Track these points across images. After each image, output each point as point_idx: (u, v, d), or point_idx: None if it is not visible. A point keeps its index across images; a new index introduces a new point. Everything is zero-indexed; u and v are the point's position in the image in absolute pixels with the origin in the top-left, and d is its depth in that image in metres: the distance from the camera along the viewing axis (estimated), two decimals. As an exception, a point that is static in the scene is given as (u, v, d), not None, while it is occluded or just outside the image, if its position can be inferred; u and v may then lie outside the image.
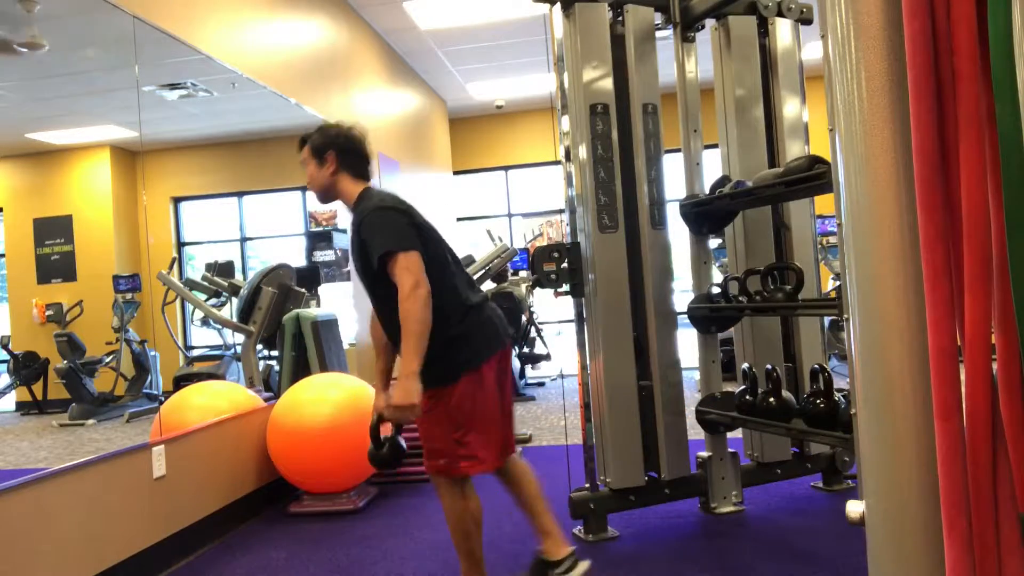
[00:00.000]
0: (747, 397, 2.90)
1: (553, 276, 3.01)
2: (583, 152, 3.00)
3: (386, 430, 2.33)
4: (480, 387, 2.24)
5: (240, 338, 4.32)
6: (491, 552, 2.78)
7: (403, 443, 2.29)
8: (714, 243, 4.05)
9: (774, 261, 3.24)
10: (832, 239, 6.54)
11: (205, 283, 4.53)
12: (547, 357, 7.23)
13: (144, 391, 4.01)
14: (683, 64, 3.20)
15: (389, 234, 2.12)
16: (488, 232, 6.49)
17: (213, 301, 4.50)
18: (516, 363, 6.86)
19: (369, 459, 2.33)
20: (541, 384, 7.47)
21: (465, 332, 2.22)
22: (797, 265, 2.86)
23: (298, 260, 5.14)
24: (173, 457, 3.00)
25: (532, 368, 7.35)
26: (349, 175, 2.29)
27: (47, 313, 3.75)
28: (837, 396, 2.60)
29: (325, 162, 2.28)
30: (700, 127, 3.21)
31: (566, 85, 3.02)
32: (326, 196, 2.37)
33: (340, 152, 2.27)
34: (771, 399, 2.79)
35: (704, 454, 3.16)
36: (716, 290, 3.13)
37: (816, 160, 2.51)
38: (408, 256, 2.08)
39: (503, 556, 2.81)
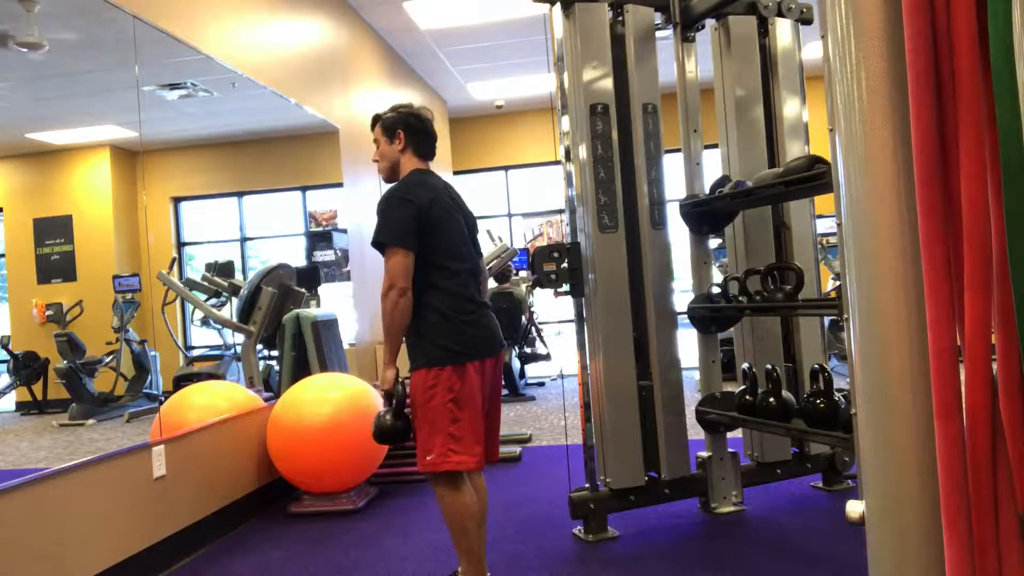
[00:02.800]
0: (747, 397, 2.90)
1: (553, 276, 3.01)
2: (583, 152, 3.00)
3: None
4: (463, 383, 2.26)
5: (240, 338, 4.33)
6: (491, 552, 2.78)
7: (387, 421, 2.36)
8: (714, 243, 4.05)
9: (774, 261, 3.24)
10: (832, 239, 6.54)
11: (205, 283, 4.52)
12: (547, 357, 7.23)
13: (144, 391, 4.01)
14: (683, 64, 3.20)
15: (389, 225, 2.24)
16: (488, 232, 6.48)
17: (213, 301, 4.50)
18: (516, 363, 6.86)
19: (374, 430, 2.39)
20: (541, 384, 7.47)
21: (460, 327, 2.28)
22: (797, 265, 2.86)
23: (298, 260, 5.14)
24: (173, 457, 3.01)
25: (531, 366, 7.35)
26: (413, 153, 2.41)
27: (47, 313, 3.75)
28: (837, 396, 2.60)
29: (395, 139, 2.40)
30: (700, 127, 3.21)
31: (566, 85, 3.02)
32: (393, 172, 2.45)
33: (408, 130, 2.40)
34: (771, 399, 2.79)
35: (704, 454, 3.16)
36: (716, 290, 3.13)
37: (816, 160, 2.50)
38: (394, 254, 2.21)
39: (503, 556, 2.81)
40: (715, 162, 3.35)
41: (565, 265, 3.00)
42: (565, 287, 3.03)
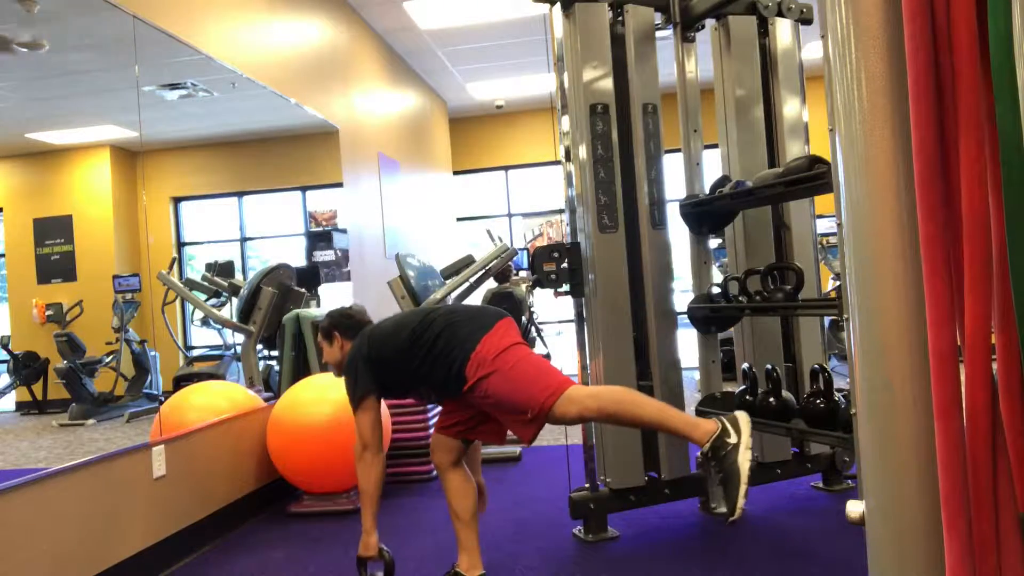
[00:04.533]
0: (747, 397, 2.90)
1: (553, 276, 3.01)
2: (583, 152, 3.00)
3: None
4: (492, 349, 2.32)
5: (240, 338, 4.32)
6: (491, 552, 2.79)
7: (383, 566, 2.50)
8: (714, 243, 4.05)
9: (774, 261, 3.24)
10: (832, 239, 6.54)
11: (205, 283, 4.52)
12: (547, 357, 7.23)
13: (144, 391, 4.01)
14: (683, 64, 3.20)
15: (349, 386, 2.48)
16: (488, 232, 6.48)
17: (213, 301, 4.49)
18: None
19: None
20: (541, 384, 7.46)
21: (447, 345, 2.37)
22: (797, 265, 2.86)
23: (298, 260, 5.14)
24: (173, 457, 3.00)
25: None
26: (350, 341, 2.60)
27: (47, 313, 3.75)
28: (837, 396, 2.60)
29: (334, 342, 2.63)
30: (700, 127, 3.21)
31: (566, 85, 3.02)
32: (341, 368, 2.61)
33: (340, 328, 2.63)
34: (771, 399, 2.79)
35: (704, 454, 3.16)
36: (716, 290, 3.13)
37: (816, 160, 2.51)
38: (361, 410, 2.44)
39: (503, 556, 2.81)
40: (715, 162, 3.35)
41: (565, 265, 3.00)
42: (565, 287, 3.03)
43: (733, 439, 2.16)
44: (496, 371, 2.29)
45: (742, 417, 2.21)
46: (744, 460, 2.12)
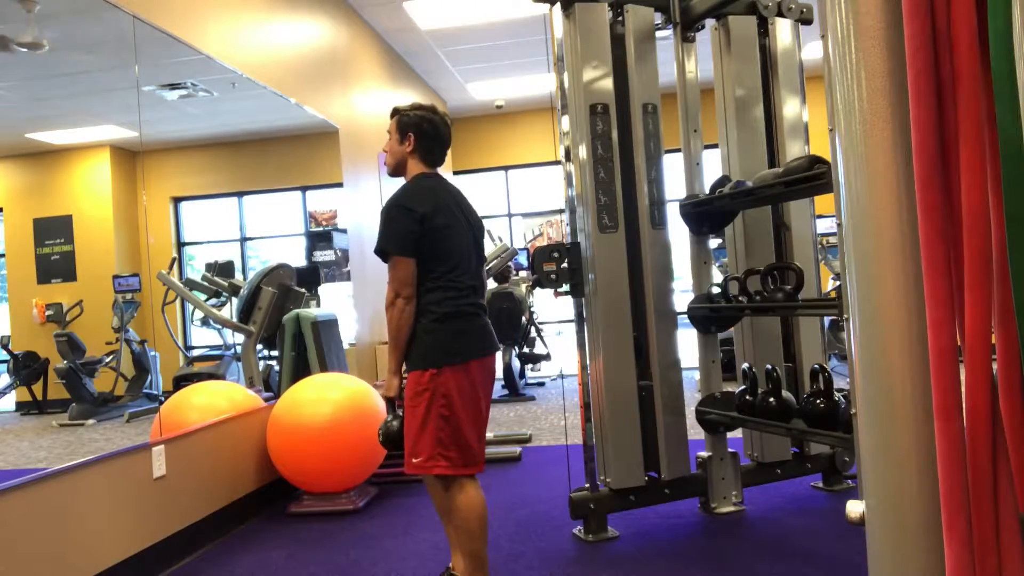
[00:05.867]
0: (747, 397, 2.90)
1: (553, 276, 3.01)
2: (583, 152, 3.00)
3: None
4: (461, 382, 2.27)
5: (240, 338, 4.33)
6: (491, 552, 2.78)
7: (395, 428, 2.37)
8: (714, 243, 4.05)
9: (774, 261, 3.24)
10: (832, 239, 6.54)
11: (205, 283, 4.52)
12: (547, 357, 7.23)
13: (144, 391, 4.01)
14: (683, 64, 3.20)
15: (390, 234, 2.27)
16: (488, 232, 6.49)
17: (213, 301, 4.49)
18: (516, 363, 6.86)
19: (381, 436, 2.40)
20: (541, 384, 7.47)
21: (457, 330, 2.30)
22: (797, 265, 2.86)
23: (298, 260, 5.14)
24: (173, 457, 3.00)
25: (532, 368, 7.35)
26: (419, 158, 2.42)
27: (47, 313, 3.75)
28: (837, 396, 2.60)
29: (406, 140, 2.41)
30: (700, 127, 3.21)
31: (566, 85, 3.02)
32: (397, 170, 2.48)
33: (420, 135, 2.40)
34: (771, 399, 2.79)
35: (704, 454, 3.16)
36: (716, 290, 3.13)
37: (816, 160, 2.51)
38: (399, 262, 2.26)
39: (503, 556, 2.81)
40: (715, 162, 3.35)
41: (565, 265, 3.00)
42: (565, 287, 3.03)
43: None
44: (430, 397, 2.24)
45: None
46: None
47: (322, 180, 5.31)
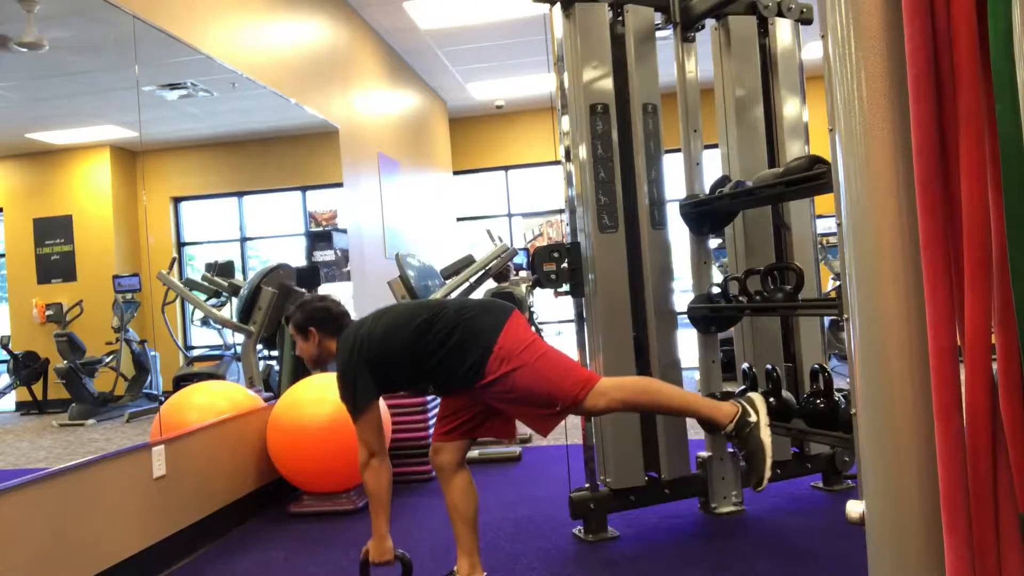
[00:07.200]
0: (747, 397, 2.90)
1: (553, 276, 3.01)
2: (583, 152, 3.00)
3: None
4: (516, 342, 2.30)
5: (240, 338, 4.32)
6: (491, 552, 2.79)
7: None
8: (714, 243, 4.05)
9: (774, 261, 3.24)
10: (832, 239, 6.54)
11: (205, 283, 4.52)
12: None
13: (144, 391, 4.01)
14: (683, 64, 3.20)
15: (348, 396, 2.35)
16: (488, 232, 6.49)
17: (213, 301, 4.49)
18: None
19: None
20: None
21: (474, 318, 2.34)
22: (797, 265, 2.86)
23: (298, 260, 5.14)
24: (173, 457, 3.00)
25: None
26: (330, 336, 2.50)
27: (47, 313, 3.75)
28: (837, 396, 2.60)
29: (309, 337, 2.50)
30: (700, 127, 3.21)
31: (566, 85, 3.02)
32: (320, 361, 2.56)
33: (318, 325, 2.50)
34: (771, 399, 2.79)
35: (704, 454, 3.16)
36: (716, 290, 3.13)
37: (816, 160, 2.51)
38: (361, 424, 2.33)
39: (503, 556, 2.81)
40: (715, 162, 3.35)
41: (565, 265, 3.00)
42: (565, 287, 3.03)
43: (753, 418, 2.32)
44: (524, 365, 2.26)
45: (757, 397, 2.36)
46: (766, 436, 2.29)
47: (322, 180, 5.31)
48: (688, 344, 3.23)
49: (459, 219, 8.77)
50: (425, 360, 2.33)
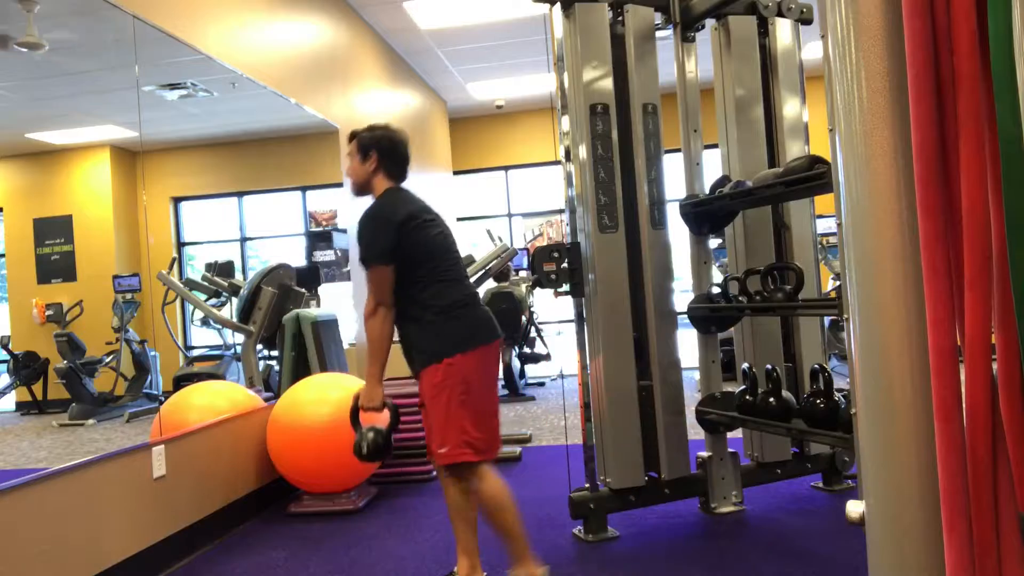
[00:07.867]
0: (747, 397, 2.90)
1: (553, 276, 3.01)
2: (583, 152, 3.00)
3: (370, 420, 2.45)
4: (479, 365, 2.32)
5: (240, 338, 4.32)
6: (492, 551, 2.79)
7: (382, 439, 2.40)
8: (714, 243, 4.05)
9: (774, 261, 3.24)
10: (832, 239, 6.54)
11: (205, 283, 4.52)
12: (547, 357, 7.23)
13: (144, 391, 4.01)
14: (683, 64, 3.20)
15: (369, 244, 2.35)
16: (488, 232, 6.49)
17: (213, 301, 4.50)
18: (516, 363, 6.86)
19: (354, 451, 2.42)
20: (541, 384, 7.47)
21: (458, 319, 2.35)
22: (797, 265, 2.86)
23: (298, 260, 5.14)
24: (173, 457, 3.00)
25: (531, 366, 7.35)
26: (384, 174, 2.48)
27: (47, 313, 3.75)
28: (837, 396, 2.60)
29: (368, 159, 2.47)
30: (700, 127, 3.21)
31: (566, 85, 3.02)
32: (361, 190, 2.54)
33: (382, 153, 2.46)
34: (771, 399, 2.79)
35: (704, 454, 3.16)
36: (716, 290, 3.13)
37: (816, 160, 2.51)
38: (378, 271, 2.33)
39: (504, 556, 2.81)
40: (715, 162, 3.35)
41: (565, 265, 3.00)
42: (565, 287, 3.03)
43: None
44: (441, 394, 2.28)
45: None
46: None
47: (322, 180, 5.31)
48: (688, 344, 3.23)
49: (459, 219, 8.77)
50: (419, 279, 2.33)
